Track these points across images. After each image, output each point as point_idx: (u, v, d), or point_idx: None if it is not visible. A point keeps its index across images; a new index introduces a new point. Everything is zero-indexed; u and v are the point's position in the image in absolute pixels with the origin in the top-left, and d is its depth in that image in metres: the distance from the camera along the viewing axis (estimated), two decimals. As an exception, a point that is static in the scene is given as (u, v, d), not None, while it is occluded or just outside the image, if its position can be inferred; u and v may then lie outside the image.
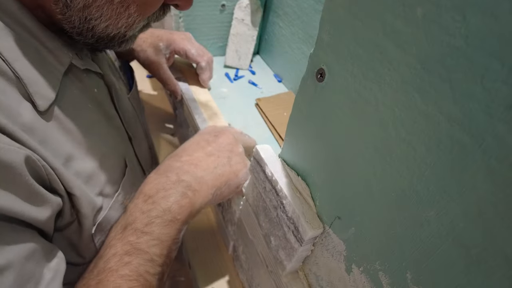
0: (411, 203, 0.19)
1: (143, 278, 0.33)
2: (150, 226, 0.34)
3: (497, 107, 0.14)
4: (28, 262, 0.27)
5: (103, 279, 0.32)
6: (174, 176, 0.37)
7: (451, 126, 0.16)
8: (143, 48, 0.60)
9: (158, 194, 0.36)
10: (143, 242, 0.34)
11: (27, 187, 0.27)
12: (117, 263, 0.33)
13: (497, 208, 0.15)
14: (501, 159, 0.14)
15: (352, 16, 0.21)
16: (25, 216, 0.27)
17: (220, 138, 0.43)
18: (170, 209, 0.35)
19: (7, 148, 0.25)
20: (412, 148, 0.19)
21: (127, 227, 0.35)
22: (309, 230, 0.28)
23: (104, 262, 0.33)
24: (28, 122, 0.29)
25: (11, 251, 0.26)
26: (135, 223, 0.35)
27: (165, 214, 0.35)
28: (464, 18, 0.15)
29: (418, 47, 0.17)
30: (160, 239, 0.35)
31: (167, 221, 0.35)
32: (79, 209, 0.34)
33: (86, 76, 0.38)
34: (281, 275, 0.34)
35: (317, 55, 0.25)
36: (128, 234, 0.34)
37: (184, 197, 0.36)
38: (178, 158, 0.40)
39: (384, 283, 0.23)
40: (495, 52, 0.14)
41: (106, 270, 0.32)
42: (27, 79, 0.29)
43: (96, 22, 0.32)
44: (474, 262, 0.17)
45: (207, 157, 0.40)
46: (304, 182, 0.30)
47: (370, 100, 0.21)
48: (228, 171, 0.40)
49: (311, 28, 0.61)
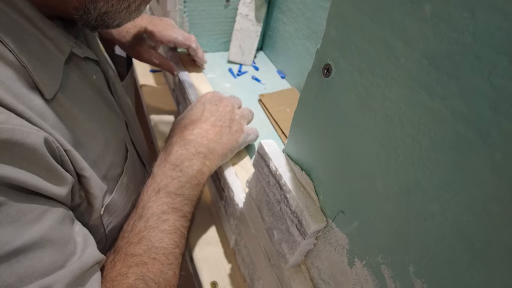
0: (415, 197, 0.20)
1: (179, 231, 0.41)
2: (181, 189, 0.42)
3: (503, 103, 0.14)
4: (63, 226, 0.31)
5: (146, 236, 0.38)
6: (192, 148, 0.45)
7: (456, 121, 0.16)
8: (128, 40, 0.61)
9: (183, 163, 0.43)
10: (177, 202, 0.41)
11: (48, 166, 0.29)
12: (157, 221, 0.39)
13: (501, 202, 0.15)
14: (506, 154, 0.14)
15: (360, 12, 0.21)
16: (48, 192, 0.30)
17: (220, 107, 0.49)
18: (196, 175, 0.44)
19: (28, 131, 0.27)
20: (417, 143, 0.19)
21: (160, 190, 0.41)
22: (312, 223, 0.28)
23: (144, 222, 0.39)
24: (40, 109, 0.30)
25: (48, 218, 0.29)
26: (168, 187, 0.41)
27: (192, 180, 0.43)
28: (472, 15, 0.15)
29: (425, 43, 0.17)
30: (189, 199, 0.43)
31: (194, 185, 0.43)
32: (88, 190, 0.36)
33: (85, 63, 0.40)
34: (283, 268, 0.35)
35: (324, 51, 0.25)
36: (163, 196, 0.41)
37: (204, 166, 0.45)
38: (191, 131, 0.46)
39: (386, 276, 0.24)
40: (503, 49, 0.14)
41: (148, 227, 0.39)
42: (33, 68, 0.30)
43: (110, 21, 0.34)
44: (477, 255, 0.17)
45: (213, 128, 0.47)
46: (308, 177, 0.31)
47: (376, 96, 0.21)
48: (231, 139, 0.48)
49: (315, 25, 0.61)
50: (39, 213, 0.29)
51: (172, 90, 0.77)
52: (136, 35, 0.61)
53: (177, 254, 0.40)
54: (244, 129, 0.50)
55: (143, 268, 0.36)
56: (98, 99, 0.41)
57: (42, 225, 0.29)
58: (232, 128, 0.48)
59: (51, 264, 0.29)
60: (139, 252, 0.37)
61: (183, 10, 0.66)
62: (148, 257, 0.37)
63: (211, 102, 0.50)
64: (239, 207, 0.45)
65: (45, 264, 0.28)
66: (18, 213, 0.27)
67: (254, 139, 0.52)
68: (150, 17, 0.63)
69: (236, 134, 0.48)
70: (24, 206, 0.27)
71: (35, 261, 0.27)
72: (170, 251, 0.39)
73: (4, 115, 0.26)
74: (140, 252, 0.37)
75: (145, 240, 0.38)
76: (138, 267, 0.36)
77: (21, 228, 0.27)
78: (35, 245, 0.27)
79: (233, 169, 0.51)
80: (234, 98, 0.53)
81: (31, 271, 0.27)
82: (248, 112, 0.53)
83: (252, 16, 0.70)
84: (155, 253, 0.37)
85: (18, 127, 0.27)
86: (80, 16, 0.33)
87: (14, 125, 0.26)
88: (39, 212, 0.29)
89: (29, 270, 0.27)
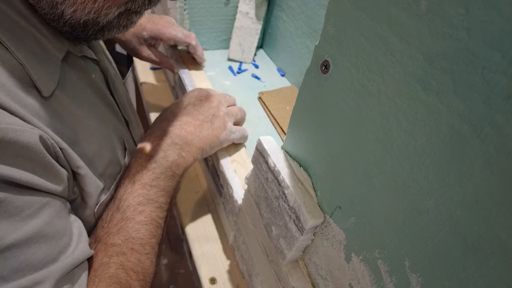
0: (411, 192, 0.20)
1: (156, 222, 0.41)
2: (156, 180, 0.42)
3: (496, 98, 0.14)
4: (59, 220, 0.32)
5: (123, 226, 0.39)
6: (168, 139, 0.45)
7: (451, 116, 0.17)
8: (128, 38, 0.62)
9: (158, 154, 0.44)
10: (153, 194, 0.42)
11: (44, 163, 0.30)
12: (133, 212, 0.40)
13: (493, 196, 0.15)
14: (499, 148, 0.15)
15: (357, 9, 0.21)
16: (44, 188, 0.30)
17: (205, 103, 0.50)
18: (171, 166, 0.44)
19: (22, 129, 0.27)
20: (412, 138, 0.19)
21: (135, 182, 0.42)
22: (310, 219, 0.28)
23: (121, 213, 0.40)
24: (35, 107, 0.30)
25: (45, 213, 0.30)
26: (143, 178, 0.42)
27: (166, 171, 0.43)
28: (467, 11, 0.15)
29: (421, 39, 0.17)
30: (165, 190, 0.43)
31: (169, 176, 0.43)
32: (83, 188, 0.36)
33: (83, 62, 0.40)
34: (281, 264, 0.35)
35: (322, 47, 0.25)
36: (138, 187, 0.41)
37: (180, 157, 0.45)
38: (170, 122, 0.47)
39: (383, 271, 0.24)
40: (496, 44, 0.14)
41: (125, 219, 0.39)
42: (30, 66, 0.30)
43: (63, 6, 0.31)
44: (470, 249, 0.17)
45: (193, 121, 0.47)
46: (306, 173, 0.31)
47: (373, 92, 0.21)
48: (211, 135, 0.48)
49: (315, 23, 0.61)
50: (37, 208, 0.29)
51: (172, 87, 0.77)
52: (136, 33, 0.61)
53: (153, 244, 0.41)
54: (228, 126, 0.50)
55: (123, 258, 0.37)
56: (97, 98, 0.41)
57: (39, 220, 0.29)
58: (214, 123, 0.49)
59: (45, 258, 0.29)
60: (117, 242, 0.38)
61: (183, 8, 0.66)
62: (126, 247, 0.38)
63: (197, 97, 0.50)
64: (238, 204, 0.45)
65: (38, 258, 0.29)
66: (16, 209, 0.27)
67: (239, 137, 0.52)
68: (149, 15, 0.63)
69: (217, 130, 0.49)
70: (22, 202, 0.28)
71: (29, 255, 0.28)
72: (147, 241, 0.40)
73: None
74: (118, 242, 0.38)
75: (123, 231, 0.39)
76: (118, 257, 0.37)
77: (18, 224, 0.27)
78: (30, 240, 0.28)
79: (232, 166, 0.51)
80: (225, 95, 0.53)
81: (24, 265, 0.27)
82: (237, 110, 0.53)
83: (252, 14, 0.70)
84: (133, 243, 0.38)
85: (11, 126, 0.27)
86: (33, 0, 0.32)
87: (6, 124, 0.26)
88: (37, 207, 0.29)
89: (23, 264, 0.27)
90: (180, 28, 0.63)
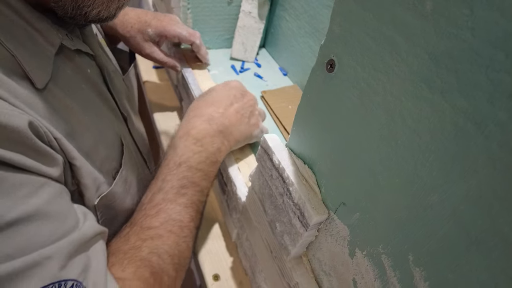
0: (415, 188, 0.21)
1: (196, 205, 0.42)
2: (201, 164, 0.43)
3: (500, 96, 0.15)
4: (61, 200, 0.31)
5: (163, 208, 0.39)
6: (215, 125, 0.46)
7: (455, 114, 0.17)
8: (132, 35, 0.62)
9: (205, 139, 0.45)
10: (197, 177, 0.43)
11: (35, 147, 0.29)
12: (175, 195, 0.41)
13: (496, 191, 0.16)
14: (502, 145, 0.15)
15: (363, 9, 0.21)
16: (39, 171, 0.29)
17: (245, 98, 0.51)
18: (215, 153, 0.45)
19: (10, 113, 0.27)
20: (417, 135, 0.20)
21: (181, 164, 0.42)
22: (314, 215, 0.29)
23: (163, 194, 0.40)
24: (29, 98, 0.30)
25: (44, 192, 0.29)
26: (189, 161, 0.43)
27: (212, 156, 0.44)
28: (471, 12, 0.15)
29: (426, 39, 0.18)
30: (208, 175, 0.44)
31: (213, 162, 0.45)
32: (80, 180, 0.36)
33: (78, 57, 0.40)
34: (285, 260, 0.35)
35: (327, 46, 0.25)
36: (183, 170, 0.42)
37: (223, 145, 0.46)
38: (216, 109, 0.48)
39: (386, 266, 0.24)
40: (499, 44, 0.15)
41: (166, 200, 0.40)
42: (22, 57, 0.30)
43: (88, 9, 0.33)
44: (473, 242, 0.18)
45: (236, 114, 0.49)
46: (310, 170, 0.31)
47: (378, 90, 0.22)
48: (247, 130, 0.50)
49: (317, 22, 0.61)
50: (35, 187, 0.28)
51: (175, 86, 0.78)
52: (140, 29, 0.61)
53: (192, 228, 0.41)
54: (260, 125, 0.53)
55: (158, 241, 0.37)
56: (92, 93, 0.41)
57: (38, 199, 0.28)
58: (250, 120, 0.51)
59: (50, 236, 0.28)
60: (155, 224, 0.38)
61: (186, 7, 0.66)
62: (164, 229, 0.38)
63: (238, 90, 0.52)
64: (242, 201, 0.46)
65: (44, 236, 0.28)
66: (12, 186, 0.27)
67: None
68: (154, 13, 0.63)
69: (252, 127, 0.51)
70: (17, 180, 0.27)
71: (33, 233, 0.27)
72: (186, 224, 0.40)
73: None
74: (156, 224, 0.38)
75: (162, 213, 0.39)
76: (152, 240, 0.37)
77: (16, 201, 0.27)
78: (31, 217, 0.27)
79: (236, 163, 0.52)
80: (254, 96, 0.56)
81: (29, 242, 0.27)
82: (264, 112, 0.56)
83: (255, 13, 0.70)
84: (172, 225, 0.39)
85: (1, 109, 0.26)
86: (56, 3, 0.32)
87: None
88: (35, 186, 0.28)
89: (28, 242, 0.27)
90: (185, 26, 0.64)
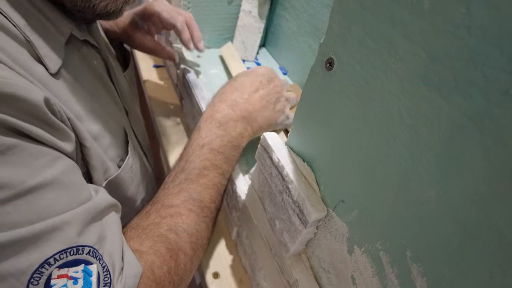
0: (413, 184, 0.21)
1: (217, 187, 0.43)
2: (223, 147, 0.44)
3: (495, 93, 0.15)
4: (75, 174, 0.32)
5: (185, 188, 0.40)
6: (238, 111, 0.46)
7: (452, 110, 0.17)
8: (121, 26, 0.62)
9: (228, 123, 0.45)
10: (218, 160, 0.43)
11: (51, 122, 0.30)
12: (197, 175, 0.41)
13: (492, 186, 0.16)
14: (497, 140, 0.15)
15: (362, 8, 0.22)
16: (54, 145, 0.30)
17: (271, 84, 0.51)
18: (237, 137, 0.45)
19: (30, 88, 0.28)
20: (415, 132, 0.20)
21: (204, 146, 0.43)
22: (313, 212, 0.29)
23: (185, 174, 0.41)
24: (43, 79, 0.32)
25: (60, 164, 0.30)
26: (211, 143, 0.43)
27: (233, 141, 0.45)
28: (468, 10, 0.16)
29: (424, 37, 0.18)
30: (229, 159, 0.45)
31: (235, 146, 0.45)
32: (89, 161, 0.37)
33: (85, 48, 0.41)
34: (284, 257, 0.36)
35: (327, 45, 0.26)
36: (206, 151, 0.43)
37: (245, 130, 0.46)
38: (241, 95, 0.48)
39: (385, 262, 0.25)
40: (495, 41, 0.15)
41: (188, 180, 0.41)
42: (37, 43, 0.32)
43: (96, 1, 0.34)
44: (469, 237, 0.18)
45: (260, 100, 0.48)
46: (309, 168, 0.32)
47: (377, 88, 0.22)
48: (272, 116, 0.50)
49: (317, 22, 0.62)
50: (51, 158, 0.29)
51: (175, 85, 0.78)
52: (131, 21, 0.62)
53: (212, 209, 0.42)
54: (286, 111, 0.52)
55: (178, 219, 0.38)
56: (98, 84, 0.42)
57: (55, 169, 0.29)
58: (276, 106, 0.50)
59: (67, 204, 0.29)
60: (176, 203, 0.39)
61: (187, 6, 0.67)
62: (185, 208, 0.39)
63: (265, 76, 0.51)
64: (241, 199, 0.46)
65: (62, 204, 0.29)
66: (31, 156, 0.28)
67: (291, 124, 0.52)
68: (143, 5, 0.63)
69: (277, 114, 0.50)
70: (35, 151, 0.28)
71: (51, 200, 0.28)
72: (206, 204, 0.41)
73: (7, 72, 0.27)
74: (177, 203, 0.39)
75: (184, 192, 0.40)
76: (172, 218, 0.38)
77: (36, 169, 0.28)
78: (49, 185, 0.28)
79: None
80: (285, 81, 0.55)
81: (48, 209, 0.28)
82: (294, 97, 0.55)
83: (255, 12, 0.71)
84: (192, 204, 0.40)
85: (21, 84, 0.27)
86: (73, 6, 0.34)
87: (16, 81, 0.27)
88: (51, 158, 0.29)
89: (47, 208, 0.28)
90: (170, 6, 0.60)
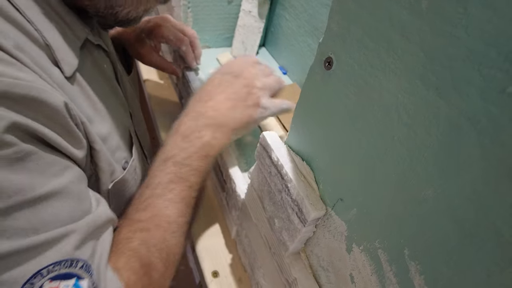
0: (411, 183, 0.21)
1: (185, 200, 0.41)
2: (189, 159, 0.42)
3: (491, 92, 0.15)
4: (80, 184, 0.33)
5: (152, 203, 0.39)
6: (203, 120, 0.44)
7: (450, 109, 0.17)
8: (131, 43, 0.63)
9: (193, 134, 0.43)
10: (184, 172, 0.42)
11: (68, 128, 0.32)
12: (163, 190, 0.40)
13: (489, 185, 0.16)
14: (494, 139, 0.16)
15: (360, 8, 0.22)
16: (68, 152, 0.32)
17: (239, 79, 0.47)
18: (204, 147, 0.43)
19: (52, 93, 0.29)
20: (413, 132, 0.20)
21: (167, 160, 0.42)
22: (312, 211, 0.29)
23: (150, 190, 0.40)
24: (60, 82, 0.33)
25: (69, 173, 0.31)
26: (175, 157, 0.42)
27: (200, 151, 0.43)
28: (465, 10, 0.16)
29: (422, 37, 0.18)
30: (197, 170, 0.42)
31: (202, 156, 0.43)
32: (97, 163, 0.38)
33: (97, 52, 0.42)
34: (283, 256, 0.36)
35: (325, 44, 0.26)
36: (170, 165, 0.42)
37: (213, 139, 0.44)
38: (204, 103, 0.46)
39: (383, 260, 0.25)
40: (492, 41, 0.15)
41: (154, 195, 0.40)
42: (55, 47, 0.33)
43: (119, 9, 0.36)
44: (467, 236, 0.18)
45: (227, 102, 0.46)
46: (308, 167, 0.32)
47: (375, 87, 0.22)
48: (245, 115, 0.46)
49: (317, 21, 0.62)
50: (62, 167, 0.31)
51: (175, 84, 0.78)
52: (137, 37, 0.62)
53: (181, 223, 0.41)
54: (262, 103, 0.47)
55: (147, 234, 0.37)
56: (107, 87, 0.43)
57: (65, 178, 0.30)
58: (247, 102, 0.46)
59: (71, 214, 0.30)
60: (143, 218, 0.39)
61: (187, 6, 0.67)
62: (152, 223, 0.38)
63: (231, 74, 0.48)
64: (241, 198, 0.46)
65: (65, 213, 0.30)
66: (46, 164, 0.29)
67: (276, 112, 0.48)
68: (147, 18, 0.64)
69: (250, 109, 0.46)
70: (51, 159, 0.29)
71: (58, 209, 0.29)
72: (174, 219, 0.40)
73: (33, 76, 0.29)
74: (144, 218, 0.39)
75: (150, 207, 0.39)
76: (142, 233, 0.37)
77: (48, 177, 0.29)
78: (58, 194, 0.29)
79: (236, 161, 0.52)
80: (261, 66, 0.51)
81: (53, 218, 0.29)
82: (273, 82, 0.50)
83: (255, 12, 0.71)
84: (159, 220, 0.39)
85: (44, 87, 0.29)
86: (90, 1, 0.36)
87: (39, 85, 0.28)
88: (62, 166, 0.31)
89: (52, 218, 0.29)
90: (173, 30, 0.62)
